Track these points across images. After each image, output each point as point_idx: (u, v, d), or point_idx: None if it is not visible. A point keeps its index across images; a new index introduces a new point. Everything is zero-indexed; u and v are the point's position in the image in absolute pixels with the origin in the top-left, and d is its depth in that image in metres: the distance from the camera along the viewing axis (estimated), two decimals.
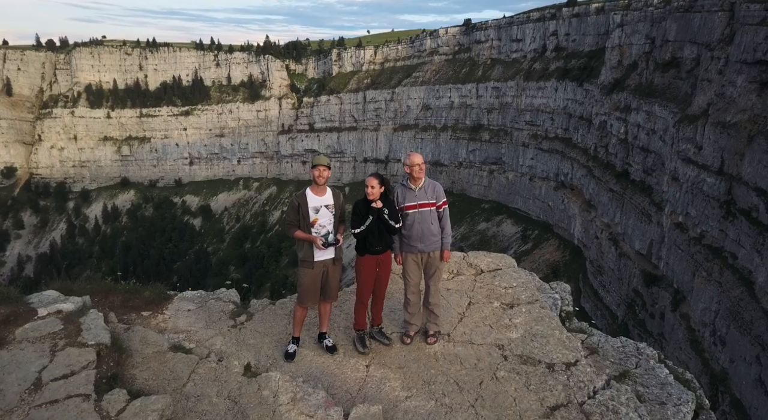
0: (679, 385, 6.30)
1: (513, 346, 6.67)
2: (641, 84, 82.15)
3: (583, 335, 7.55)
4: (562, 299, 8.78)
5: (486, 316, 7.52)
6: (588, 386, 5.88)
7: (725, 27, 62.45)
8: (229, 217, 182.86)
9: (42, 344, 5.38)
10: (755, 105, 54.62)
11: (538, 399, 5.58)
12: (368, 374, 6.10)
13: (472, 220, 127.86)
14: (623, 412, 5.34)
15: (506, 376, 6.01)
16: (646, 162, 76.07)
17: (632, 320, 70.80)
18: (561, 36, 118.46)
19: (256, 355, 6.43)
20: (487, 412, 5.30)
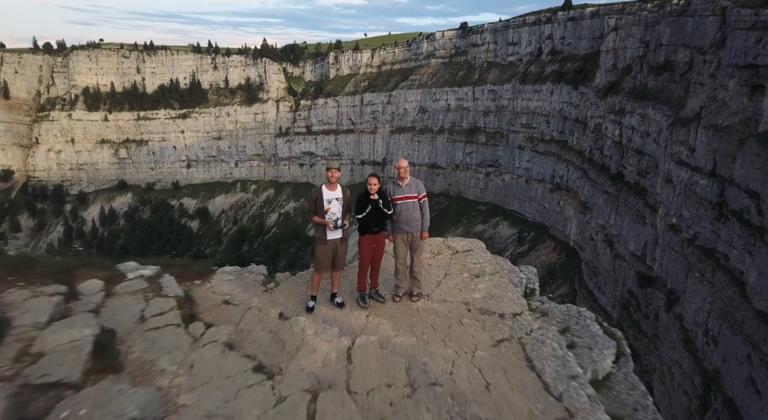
0: (606, 337, 8.02)
1: (475, 303, 8.73)
2: (635, 87, 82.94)
3: (539, 303, 9.45)
4: (528, 279, 10.37)
5: (457, 283, 9.64)
6: (526, 328, 7.88)
7: (717, 31, 63.33)
8: (226, 219, 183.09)
9: (137, 296, 7.49)
10: (746, 108, 55.42)
11: (490, 335, 7.64)
12: (368, 321, 8.14)
13: (469, 222, 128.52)
14: (548, 342, 7.36)
15: (468, 322, 8.06)
16: (640, 164, 76.81)
17: (627, 321, 71.41)
18: (556, 39, 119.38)
19: (285, 308, 8.52)
20: (452, 344, 7.32)
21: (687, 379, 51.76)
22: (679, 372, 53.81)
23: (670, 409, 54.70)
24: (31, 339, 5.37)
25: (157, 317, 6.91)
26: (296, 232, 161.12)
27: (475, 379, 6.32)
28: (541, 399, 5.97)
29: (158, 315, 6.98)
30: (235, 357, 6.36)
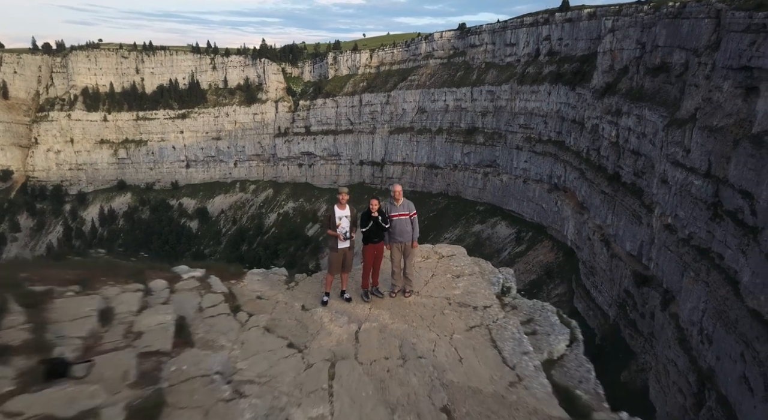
0: (562, 326, 10.13)
1: (455, 298, 10.74)
2: (632, 88, 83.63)
3: (512, 298, 11.55)
4: (505, 279, 12.45)
5: (441, 282, 11.63)
6: (493, 317, 9.83)
7: (712, 33, 64.01)
8: (225, 219, 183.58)
9: (193, 292, 9.31)
10: (741, 110, 56.08)
11: (464, 323, 9.62)
12: (370, 312, 10.13)
13: (467, 222, 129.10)
14: (509, 328, 9.34)
15: (448, 313, 10.04)
16: (636, 165, 77.47)
17: (623, 320, 72.10)
18: (554, 40, 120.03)
19: (305, 302, 10.38)
20: (435, 329, 9.30)
21: (682, 377, 52.41)
22: (674, 370, 54.47)
23: (665, 407, 55.35)
24: (130, 322, 7.31)
25: (211, 308, 8.79)
26: (295, 232, 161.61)
27: (451, 354, 8.33)
28: (499, 368, 7.99)
29: (212, 306, 8.86)
30: (273, 337, 8.23)
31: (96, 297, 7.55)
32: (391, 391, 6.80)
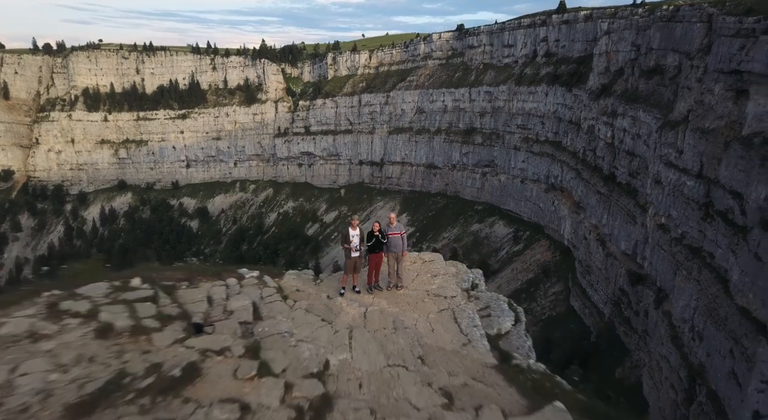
0: (509, 311, 13.95)
1: (432, 291, 14.21)
2: (627, 90, 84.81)
3: (476, 292, 15.02)
4: (475, 277, 15.99)
5: (423, 280, 15.24)
6: (457, 304, 13.26)
7: (704, 37, 65.25)
8: (225, 219, 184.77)
9: (255, 286, 12.36)
10: (731, 112, 57.33)
11: (437, 307, 13.05)
12: (373, 300, 13.43)
13: (466, 222, 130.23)
14: (467, 311, 12.66)
15: (427, 300, 13.50)
16: (631, 165, 78.72)
17: (618, 318, 73.38)
18: (551, 42, 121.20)
19: (329, 293, 13.61)
20: (417, 311, 12.69)
21: (674, 373, 53.66)
22: (667, 366, 55.74)
23: (658, 402, 56.53)
24: (224, 305, 10.55)
25: (269, 297, 11.93)
26: (295, 232, 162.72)
27: (426, 326, 11.90)
28: (457, 335, 11.60)
29: (269, 296, 11.98)
30: (311, 315, 11.42)
31: (200, 289, 11.20)
32: (387, 347, 10.24)
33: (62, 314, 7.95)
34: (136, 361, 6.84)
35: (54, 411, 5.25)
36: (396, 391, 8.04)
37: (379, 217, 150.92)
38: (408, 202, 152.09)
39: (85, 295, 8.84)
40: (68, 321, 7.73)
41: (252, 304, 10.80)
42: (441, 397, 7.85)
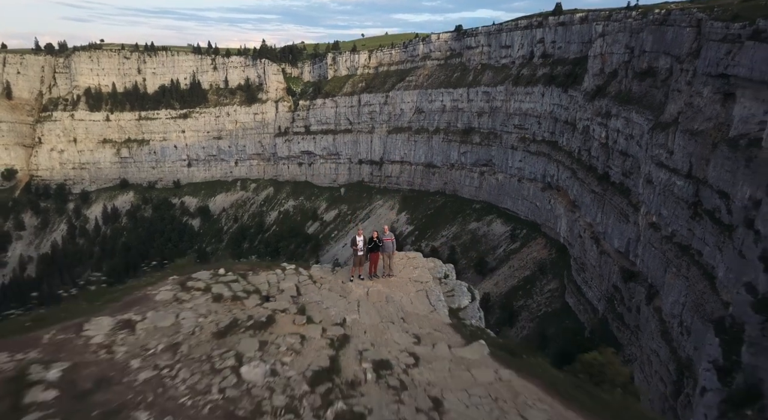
0: (468, 292, 19.29)
1: (412, 278, 18.35)
2: (621, 91, 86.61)
3: (446, 280, 19.83)
4: (447, 270, 20.84)
5: (407, 271, 19.32)
6: (429, 286, 17.67)
7: (693, 41, 67.13)
8: (227, 217, 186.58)
9: (293, 274, 16.06)
10: (719, 114, 59.21)
11: (415, 288, 17.34)
12: (372, 284, 17.31)
13: (464, 220, 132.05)
14: (435, 291, 17.43)
15: (409, 284, 17.64)
16: (624, 165, 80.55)
17: (611, 314, 75.29)
18: (547, 43, 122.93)
19: (343, 279, 17.51)
20: (402, 291, 16.97)
21: (663, 366, 55.58)
22: (657, 360, 57.68)
23: (648, 395, 58.20)
24: (278, 286, 14.39)
25: (304, 281, 15.82)
26: (295, 230, 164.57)
27: (408, 300, 16.20)
28: (427, 306, 15.96)
29: (304, 280, 15.87)
30: (332, 292, 15.41)
31: (261, 275, 14.89)
32: (381, 312, 14.67)
33: (189, 289, 12.39)
34: (240, 314, 11.30)
35: (206, 335, 9.95)
36: (386, 335, 12.52)
37: (379, 216, 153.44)
38: (407, 201, 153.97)
39: (198, 278, 13.11)
40: (194, 293, 12.21)
41: (295, 285, 14.96)
42: (413, 338, 12.48)
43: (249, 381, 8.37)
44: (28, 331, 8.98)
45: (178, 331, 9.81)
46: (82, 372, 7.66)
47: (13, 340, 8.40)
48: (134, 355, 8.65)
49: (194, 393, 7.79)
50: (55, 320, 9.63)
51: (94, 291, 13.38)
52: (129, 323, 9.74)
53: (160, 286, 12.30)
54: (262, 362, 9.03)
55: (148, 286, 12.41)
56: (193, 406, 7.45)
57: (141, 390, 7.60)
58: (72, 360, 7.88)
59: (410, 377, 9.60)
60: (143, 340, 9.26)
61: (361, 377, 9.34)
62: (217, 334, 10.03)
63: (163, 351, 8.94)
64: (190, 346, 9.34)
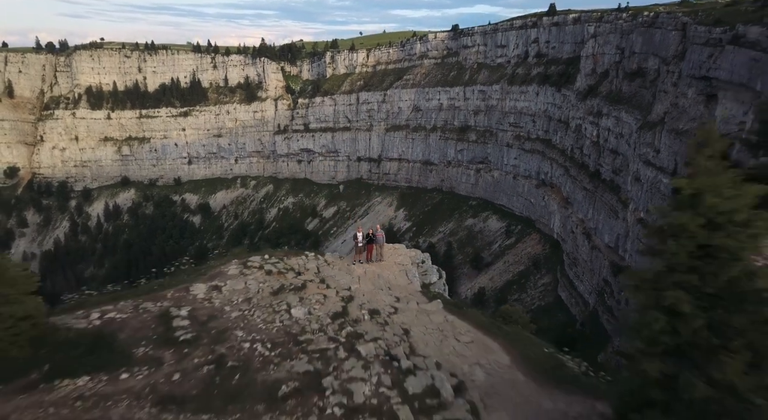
0: (437, 272, 26.77)
1: (397, 262, 24.20)
2: (611, 91, 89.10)
3: (422, 264, 25.85)
4: (424, 257, 26.44)
5: (392, 257, 24.98)
6: (408, 267, 23.55)
7: (678, 44, 69.64)
8: (227, 214, 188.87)
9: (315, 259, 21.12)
10: (703, 114, 61.88)
11: (398, 269, 23.20)
12: (368, 266, 22.82)
13: (460, 217, 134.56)
14: (412, 270, 23.36)
15: (393, 266, 23.57)
16: (614, 163, 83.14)
17: (602, 307, 77.89)
18: (542, 43, 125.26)
19: (347, 262, 22.91)
20: (389, 271, 22.62)
21: None
22: None
23: None
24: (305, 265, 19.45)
25: (322, 263, 20.23)
26: (295, 227, 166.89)
27: (393, 277, 21.66)
28: (405, 280, 21.86)
29: (322, 263, 20.34)
30: (342, 271, 19.91)
31: (292, 260, 19.35)
32: (375, 283, 19.35)
33: (249, 267, 17.44)
34: (284, 281, 16.49)
35: (266, 293, 15.19)
36: (377, 296, 17.59)
37: (377, 212, 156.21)
38: (405, 198, 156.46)
39: (253, 261, 18.01)
40: (252, 269, 17.24)
41: (316, 266, 19.56)
42: (394, 299, 17.67)
43: (296, 316, 13.82)
44: (156, 291, 14.90)
45: (248, 291, 15.33)
46: (198, 312, 13.54)
47: (150, 296, 14.45)
48: (225, 303, 14.34)
49: (265, 322, 13.33)
50: (169, 286, 15.57)
51: (188, 269, 19.49)
52: (217, 287, 15.46)
53: (228, 266, 17.49)
54: (302, 307, 14.55)
55: (220, 265, 17.63)
56: (265, 328, 12.98)
57: (234, 321, 13.24)
58: (190, 306, 13.83)
59: (391, 319, 15.03)
60: (228, 296, 14.86)
61: (361, 317, 14.50)
62: (273, 292, 15.46)
63: (241, 302, 14.55)
64: (257, 299, 14.80)
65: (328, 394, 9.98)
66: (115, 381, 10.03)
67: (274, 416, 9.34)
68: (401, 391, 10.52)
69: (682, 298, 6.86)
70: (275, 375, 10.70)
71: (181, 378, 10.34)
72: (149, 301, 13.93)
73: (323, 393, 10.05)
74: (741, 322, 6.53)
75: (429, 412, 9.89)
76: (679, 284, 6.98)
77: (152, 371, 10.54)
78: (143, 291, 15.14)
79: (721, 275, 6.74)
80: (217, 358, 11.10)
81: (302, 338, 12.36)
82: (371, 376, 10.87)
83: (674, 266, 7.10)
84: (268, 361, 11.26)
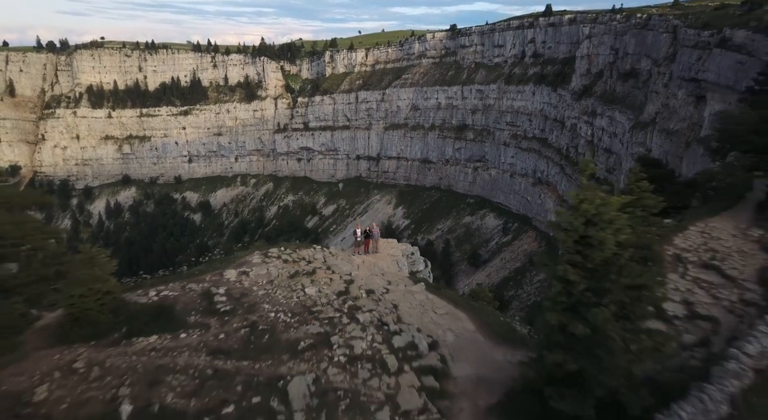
0: (424, 262, 29.52)
1: (389, 254, 26.42)
2: (606, 91, 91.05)
3: (411, 256, 28.00)
4: (413, 250, 28.65)
5: (386, 249, 27.24)
6: (399, 258, 26.14)
7: (669, 46, 71.63)
8: (227, 212, 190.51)
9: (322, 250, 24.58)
10: (693, 115, 63.91)
11: (390, 259, 25.60)
12: (366, 257, 25.09)
13: (458, 214, 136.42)
14: (401, 259, 26.14)
15: (387, 257, 25.94)
16: (608, 162, 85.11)
17: None
18: (538, 43, 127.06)
19: (349, 254, 25.75)
20: (383, 260, 25.20)
21: None
22: None
23: None
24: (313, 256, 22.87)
25: (328, 254, 23.62)
26: (295, 224, 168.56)
27: (386, 265, 24.11)
28: (396, 268, 24.34)
29: (328, 253, 23.77)
30: (344, 261, 23.03)
31: (303, 251, 22.64)
32: (371, 270, 22.06)
33: (269, 257, 20.79)
34: (298, 268, 19.99)
35: (284, 277, 19.04)
36: (373, 280, 20.17)
37: (376, 210, 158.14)
38: (404, 196, 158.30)
39: (272, 252, 21.44)
40: (272, 259, 20.58)
41: (323, 256, 22.48)
42: (387, 282, 20.27)
43: (309, 294, 17.40)
44: (197, 276, 18.78)
45: (270, 275, 18.98)
46: (232, 290, 17.22)
47: (192, 279, 18.31)
48: (252, 284, 17.99)
49: (285, 298, 16.94)
50: (206, 271, 19.36)
51: (220, 259, 25.19)
52: (245, 272, 19.00)
53: (252, 256, 21.14)
54: (313, 287, 18.09)
55: (245, 256, 21.31)
56: (286, 303, 16.53)
57: (261, 297, 16.86)
58: (225, 286, 17.53)
59: (383, 297, 18.28)
60: (254, 279, 18.48)
61: (360, 295, 17.92)
62: (289, 276, 18.98)
63: (265, 283, 18.17)
64: (277, 281, 18.43)
65: (335, 348, 13.70)
66: (176, 339, 13.96)
67: (295, 363, 12.98)
68: (389, 345, 14.20)
69: (569, 271, 10.06)
70: (295, 335, 14.38)
71: (225, 337, 14.11)
72: (192, 282, 17.92)
73: (331, 347, 13.74)
74: (609, 287, 9.89)
75: (409, 360, 13.60)
76: (569, 261, 10.19)
77: (203, 332, 14.38)
78: (186, 276, 19.31)
79: (596, 255, 9.99)
80: (250, 324, 14.85)
81: (314, 309, 16.18)
82: (367, 336, 14.58)
83: (566, 249, 10.30)
84: (289, 325, 14.98)
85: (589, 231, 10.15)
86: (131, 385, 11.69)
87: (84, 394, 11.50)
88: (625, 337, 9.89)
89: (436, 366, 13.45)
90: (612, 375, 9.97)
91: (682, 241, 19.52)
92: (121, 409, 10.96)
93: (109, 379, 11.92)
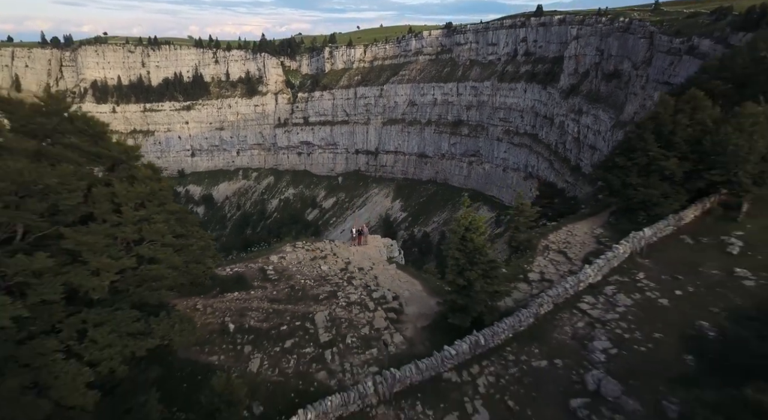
0: (399, 250, 38.16)
1: (375, 245, 35.25)
2: (591, 90, 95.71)
3: (391, 247, 36.67)
4: (393, 243, 37.58)
5: (373, 243, 36.13)
6: (381, 248, 34.95)
7: (647, 51, 76.33)
8: (230, 205, 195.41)
9: (328, 243, 35.26)
10: None
11: (375, 250, 34.35)
12: (359, 248, 34.05)
13: (454, 207, 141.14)
14: (383, 249, 35.02)
15: (373, 248, 34.70)
16: (593, 158, 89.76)
17: None
18: (530, 42, 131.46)
19: (348, 246, 34.65)
20: (371, 250, 34.07)
21: None
22: None
23: None
24: (324, 247, 33.11)
25: (334, 245, 34.00)
26: (296, 217, 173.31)
27: (375, 254, 32.91)
28: (379, 255, 33.06)
29: (334, 246, 33.66)
30: (344, 250, 32.73)
31: (318, 244, 33.79)
32: (362, 256, 31.71)
33: (296, 247, 32.19)
34: (316, 255, 31.05)
35: (307, 260, 30.13)
36: (363, 262, 30.30)
37: (375, 203, 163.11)
38: (401, 189, 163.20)
39: (298, 244, 32.67)
40: (299, 248, 32.07)
41: (331, 247, 31.99)
42: (372, 263, 30.07)
43: (323, 269, 28.35)
44: (253, 259, 29.95)
45: (298, 259, 29.82)
46: (276, 267, 28.68)
47: (251, 260, 29.71)
48: (289, 264, 29.25)
49: (309, 271, 28.25)
50: (258, 256, 30.44)
51: (264, 248, 33.28)
52: (282, 257, 30.29)
53: (285, 247, 31.66)
54: (326, 265, 28.89)
55: (281, 247, 31.69)
56: (310, 274, 27.76)
57: (295, 271, 28.24)
58: (272, 265, 28.86)
59: (369, 272, 28.33)
60: (289, 260, 29.58)
61: (354, 271, 28.27)
62: (311, 259, 29.51)
63: (296, 263, 29.15)
64: (304, 262, 29.27)
65: (340, 298, 24.44)
66: (248, 294, 25.02)
67: (317, 306, 23.68)
68: (371, 297, 24.64)
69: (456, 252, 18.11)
70: (316, 292, 25.26)
71: (276, 293, 25.09)
72: (251, 263, 29.03)
73: (338, 298, 24.56)
74: (475, 260, 17.79)
75: (381, 304, 23.86)
76: (457, 248, 18.02)
77: (263, 291, 25.34)
78: (247, 258, 30.39)
79: (469, 245, 17.58)
80: (290, 286, 25.80)
81: (327, 278, 27.03)
82: (358, 292, 25.10)
83: (455, 241, 17.83)
84: (312, 287, 25.88)
85: (466, 233, 19.10)
86: (231, 316, 22.70)
87: (206, 320, 22.44)
88: (483, 287, 18.05)
89: (396, 307, 23.59)
90: (478, 305, 19.45)
91: (553, 236, 29.32)
92: (228, 326, 21.87)
93: (218, 314, 22.94)
